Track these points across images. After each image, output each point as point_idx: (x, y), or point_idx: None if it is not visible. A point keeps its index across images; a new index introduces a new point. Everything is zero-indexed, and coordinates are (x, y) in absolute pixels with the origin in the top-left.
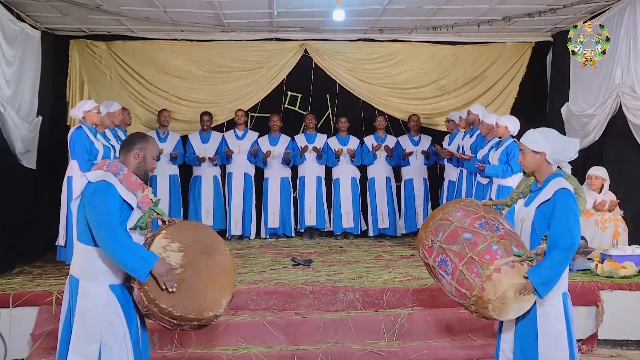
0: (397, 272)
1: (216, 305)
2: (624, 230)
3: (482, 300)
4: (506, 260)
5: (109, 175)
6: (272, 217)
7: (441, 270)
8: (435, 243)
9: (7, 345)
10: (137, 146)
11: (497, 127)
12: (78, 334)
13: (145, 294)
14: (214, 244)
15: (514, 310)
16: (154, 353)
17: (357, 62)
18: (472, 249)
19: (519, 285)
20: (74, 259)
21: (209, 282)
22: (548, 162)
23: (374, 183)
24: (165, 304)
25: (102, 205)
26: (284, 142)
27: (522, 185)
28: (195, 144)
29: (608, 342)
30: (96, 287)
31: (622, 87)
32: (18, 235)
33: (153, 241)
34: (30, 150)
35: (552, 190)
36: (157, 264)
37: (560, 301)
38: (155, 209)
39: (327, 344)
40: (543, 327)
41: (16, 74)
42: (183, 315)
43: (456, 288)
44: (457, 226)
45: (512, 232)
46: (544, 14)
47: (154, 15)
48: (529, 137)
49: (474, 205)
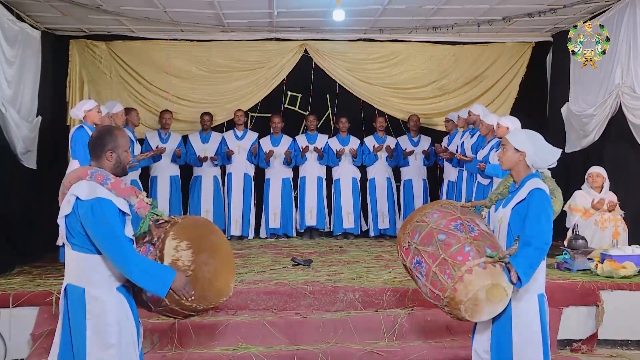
0: (397, 272)
1: (227, 289)
2: (623, 230)
3: (454, 301)
4: (478, 262)
5: (99, 189)
6: (273, 218)
7: (417, 271)
8: (412, 245)
9: (7, 345)
10: (107, 147)
11: (498, 128)
12: (93, 341)
13: (168, 296)
14: (213, 233)
15: (487, 311)
16: (153, 353)
17: (357, 62)
18: (445, 250)
19: (491, 286)
20: (71, 268)
21: (217, 269)
22: (526, 164)
23: (375, 183)
24: (189, 302)
25: (105, 224)
26: (286, 143)
27: (500, 186)
28: (195, 144)
29: (608, 342)
30: (105, 292)
31: (622, 87)
32: (18, 235)
33: (164, 245)
34: (31, 150)
35: (527, 191)
36: (175, 279)
37: (536, 302)
38: (154, 212)
39: (327, 344)
40: (518, 327)
41: (16, 74)
42: (205, 307)
43: (430, 289)
44: (433, 227)
45: (488, 233)
46: (544, 14)
47: (154, 15)
48: (515, 135)
49: (452, 207)
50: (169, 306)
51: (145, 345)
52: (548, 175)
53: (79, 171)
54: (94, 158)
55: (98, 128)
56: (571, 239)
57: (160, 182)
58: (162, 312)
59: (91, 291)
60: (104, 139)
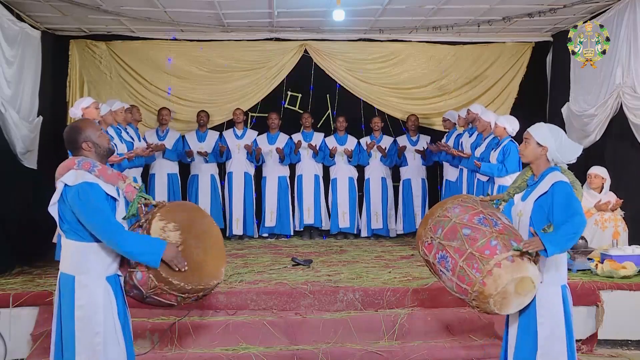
0: (397, 272)
1: (218, 273)
2: (623, 230)
3: (483, 295)
4: (506, 255)
5: (85, 175)
6: (269, 216)
7: (441, 266)
8: (435, 240)
9: (7, 345)
10: (80, 140)
11: (496, 128)
12: (81, 328)
13: (155, 275)
14: (202, 218)
15: (515, 304)
16: (153, 353)
17: (357, 62)
18: (471, 245)
19: (520, 279)
20: (64, 257)
21: (207, 253)
22: (547, 158)
23: (369, 184)
24: (177, 280)
25: (92, 205)
26: (282, 141)
27: (518, 180)
28: (191, 142)
29: (608, 342)
30: (94, 280)
31: (623, 87)
32: (18, 235)
33: (151, 225)
34: (31, 150)
35: (549, 183)
36: (167, 249)
37: (559, 293)
38: (142, 195)
39: (327, 344)
40: (542, 319)
41: (16, 74)
42: (194, 287)
43: (457, 284)
44: (456, 222)
45: (511, 226)
46: (544, 14)
47: (154, 15)
48: (538, 129)
49: (472, 201)
50: (158, 287)
51: (145, 345)
52: (565, 168)
53: (68, 162)
54: (75, 154)
55: (65, 130)
56: None
57: (158, 180)
58: (153, 298)
59: (81, 279)
60: (72, 136)
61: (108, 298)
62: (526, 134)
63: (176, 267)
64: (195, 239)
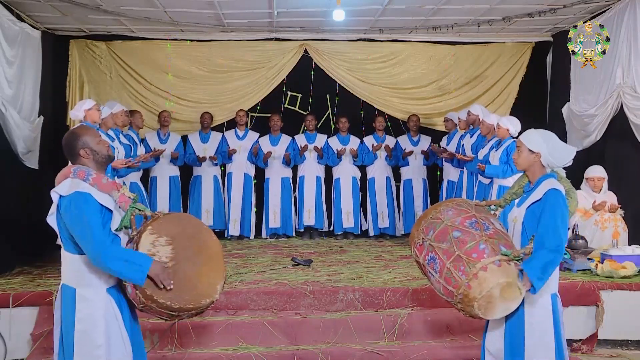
0: (397, 272)
1: (212, 290)
2: (623, 230)
3: (468, 298)
4: (493, 259)
5: (79, 184)
6: (273, 217)
7: (430, 268)
8: (426, 241)
9: (7, 345)
10: (77, 147)
11: (498, 129)
12: (80, 341)
13: (141, 292)
14: (200, 232)
15: (500, 309)
16: (153, 353)
17: (357, 62)
18: (460, 247)
19: (505, 284)
20: (65, 269)
21: (201, 269)
22: (541, 164)
23: (374, 183)
24: (163, 299)
25: (82, 217)
26: (285, 142)
27: (515, 186)
28: (195, 144)
29: (608, 342)
30: (94, 293)
31: (623, 87)
32: (19, 235)
33: (140, 239)
34: (32, 150)
35: (543, 191)
36: (152, 266)
37: (549, 302)
38: (136, 206)
39: (327, 344)
40: (530, 327)
41: (17, 74)
42: (182, 306)
43: (444, 286)
44: (448, 224)
45: (503, 232)
46: (544, 14)
47: (154, 15)
48: (529, 136)
49: (466, 204)
50: (146, 304)
51: (145, 345)
52: (563, 175)
53: (65, 170)
54: (73, 162)
55: (64, 137)
56: (571, 239)
57: (160, 183)
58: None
59: (81, 292)
60: (70, 143)
61: (111, 310)
62: (518, 142)
63: (161, 285)
64: (189, 254)
